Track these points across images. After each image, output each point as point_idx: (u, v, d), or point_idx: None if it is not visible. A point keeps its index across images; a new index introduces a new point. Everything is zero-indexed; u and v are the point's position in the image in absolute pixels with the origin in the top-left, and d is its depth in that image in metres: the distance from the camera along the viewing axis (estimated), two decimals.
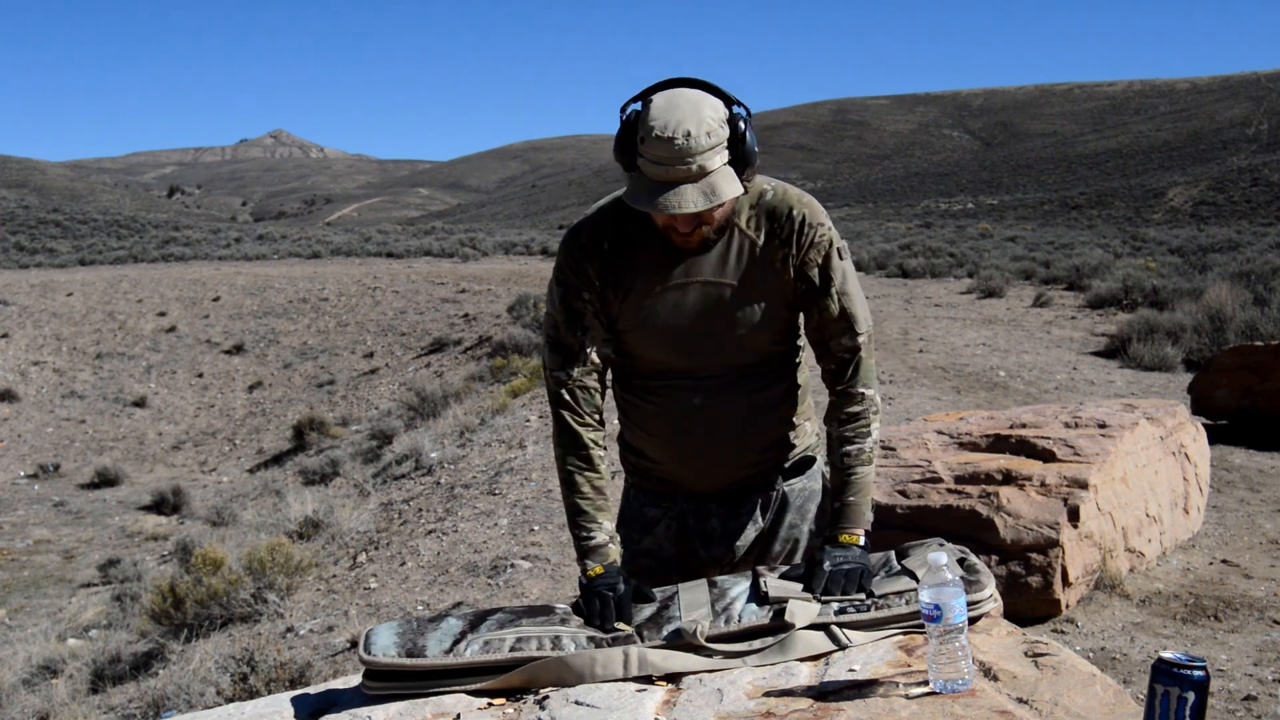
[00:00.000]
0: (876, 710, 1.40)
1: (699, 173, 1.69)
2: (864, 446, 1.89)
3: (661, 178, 1.70)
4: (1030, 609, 3.65)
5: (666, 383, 1.94)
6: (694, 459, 1.97)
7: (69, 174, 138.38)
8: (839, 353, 1.91)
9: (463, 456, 8.29)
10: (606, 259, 1.87)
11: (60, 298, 22.60)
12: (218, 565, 6.13)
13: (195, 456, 16.28)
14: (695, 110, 1.70)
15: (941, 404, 7.81)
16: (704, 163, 1.69)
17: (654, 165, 1.70)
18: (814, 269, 1.87)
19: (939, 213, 56.84)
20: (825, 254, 1.87)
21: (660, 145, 1.68)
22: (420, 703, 1.60)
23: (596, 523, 1.88)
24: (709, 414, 1.93)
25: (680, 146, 1.67)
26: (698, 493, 2.01)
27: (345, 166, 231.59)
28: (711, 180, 1.70)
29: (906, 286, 17.52)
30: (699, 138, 1.68)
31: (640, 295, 1.88)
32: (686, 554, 2.03)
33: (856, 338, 1.89)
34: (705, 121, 1.69)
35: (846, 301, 1.89)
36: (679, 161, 1.68)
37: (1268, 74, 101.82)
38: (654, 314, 1.88)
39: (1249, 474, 5.68)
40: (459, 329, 17.63)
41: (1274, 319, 10.28)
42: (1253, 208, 48.33)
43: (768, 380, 1.96)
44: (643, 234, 1.86)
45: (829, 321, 1.89)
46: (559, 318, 1.91)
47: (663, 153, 1.68)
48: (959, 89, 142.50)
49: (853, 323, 1.89)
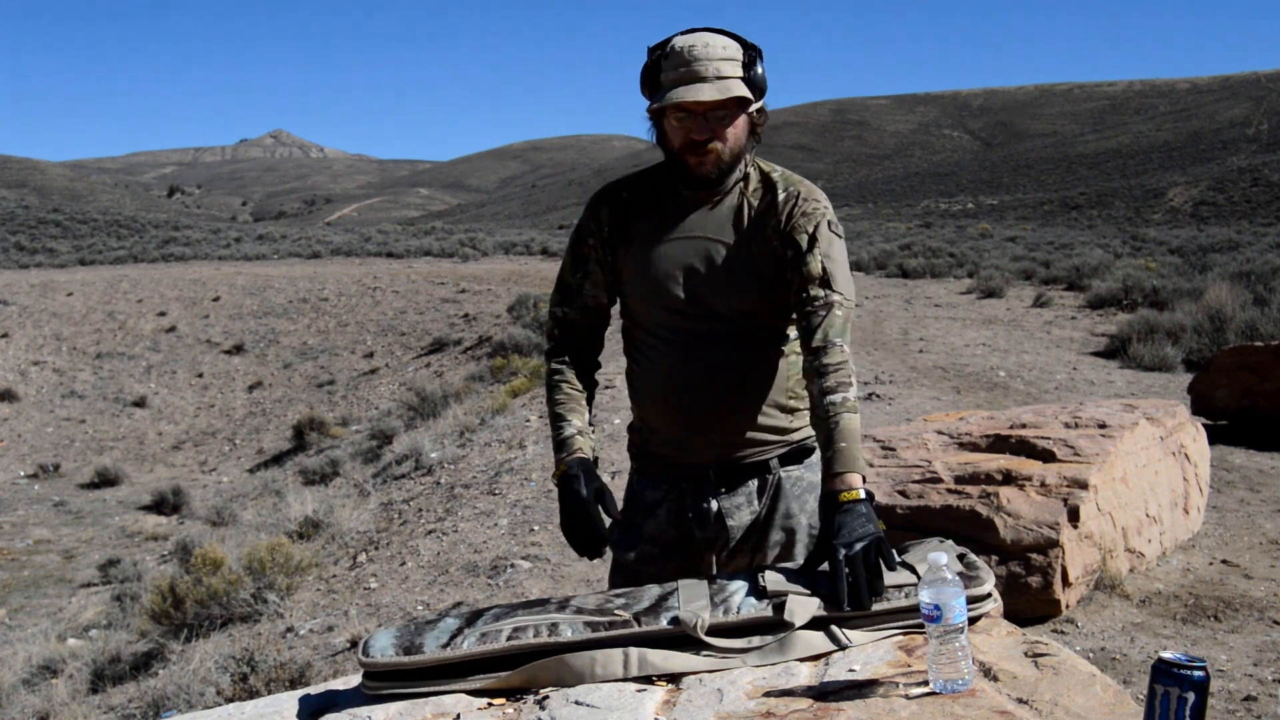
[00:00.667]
0: (876, 710, 1.40)
1: (714, 75, 1.86)
2: (848, 395, 1.84)
3: (679, 80, 1.87)
4: (1030, 609, 3.65)
5: (661, 339, 2.02)
6: (685, 417, 2.01)
7: (69, 174, 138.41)
8: (814, 306, 1.90)
9: (463, 456, 8.29)
10: (619, 207, 2.04)
11: (60, 298, 22.61)
12: (218, 565, 6.13)
13: (195, 456, 16.29)
14: (713, 36, 1.91)
15: (941, 404, 7.81)
16: (720, 68, 1.87)
17: (674, 71, 1.88)
18: (802, 234, 1.95)
19: (939, 213, 56.85)
20: (816, 223, 1.96)
21: (679, 54, 1.87)
22: (420, 703, 1.60)
23: (565, 420, 2.01)
24: (699, 370, 1.99)
25: (699, 52, 1.87)
26: (695, 467, 2.04)
27: (345, 166, 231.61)
28: (725, 82, 1.87)
29: (906, 286, 17.53)
30: (714, 48, 1.88)
31: (644, 244, 2.01)
32: (686, 538, 2.06)
33: (832, 295, 1.90)
34: (721, 40, 1.90)
35: (829, 264, 1.93)
36: (697, 64, 1.86)
37: (1268, 74, 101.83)
38: (653, 264, 2.00)
39: (1249, 474, 5.68)
40: (459, 329, 17.64)
41: (1274, 319, 10.28)
42: (1253, 208, 48.35)
43: (759, 347, 2.01)
44: (659, 194, 2.03)
45: (809, 279, 1.91)
46: (566, 259, 2.10)
47: (684, 59, 1.87)
48: (959, 89, 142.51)
49: (831, 281, 1.91)
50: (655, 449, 2.08)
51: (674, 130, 1.92)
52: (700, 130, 1.89)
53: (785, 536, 2.06)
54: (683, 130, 1.91)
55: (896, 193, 75.83)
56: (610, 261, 2.04)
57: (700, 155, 1.92)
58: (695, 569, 2.02)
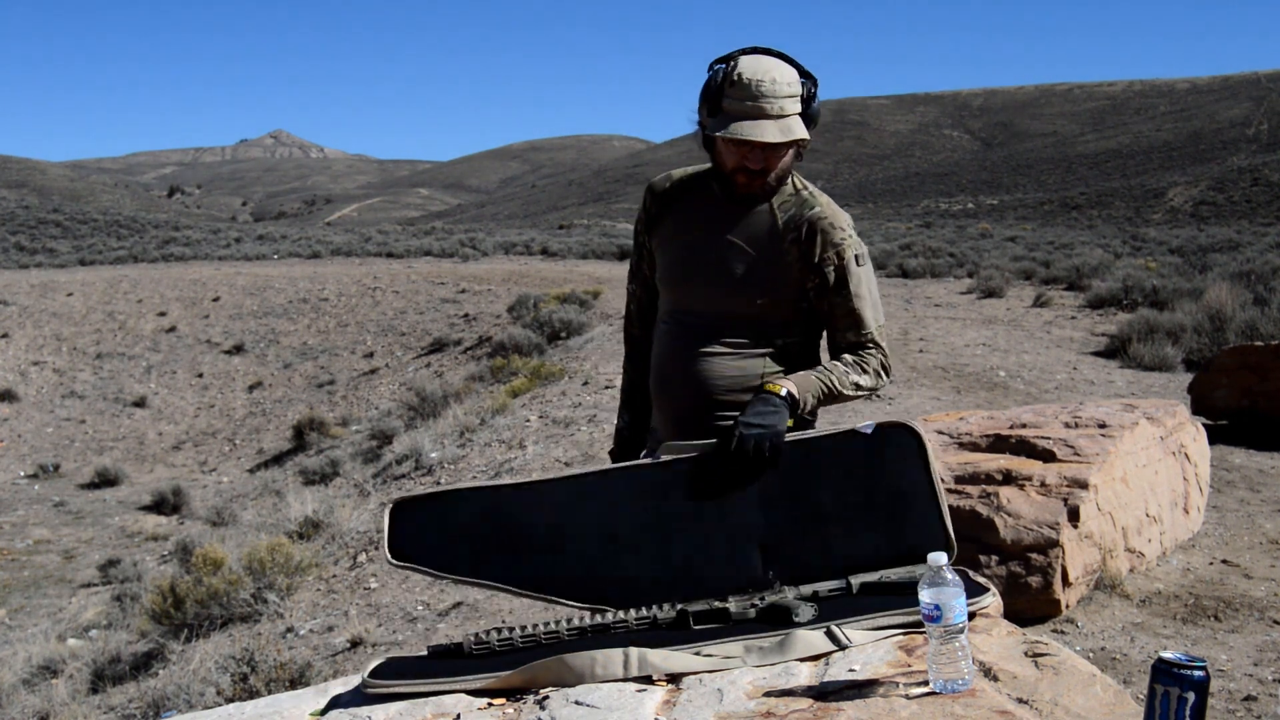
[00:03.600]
0: (876, 710, 1.40)
1: (778, 113, 1.96)
2: (852, 373, 2.07)
3: (744, 113, 1.95)
4: (1030, 609, 3.64)
5: (666, 324, 2.20)
6: (664, 399, 2.19)
7: (69, 174, 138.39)
8: (844, 346, 2.12)
9: (463, 456, 8.29)
10: (662, 196, 2.21)
11: (60, 298, 22.61)
12: (218, 565, 6.13)
13: (195, 456, 16.29)
14: (778, 66, 1.99)
15: (941, 404, 7.81)
16: (783, 106, 1.96)
17: (739, 103, 1.96)
18: (830, 267, 2.06)
19: (939, 213, 56.85)
20: (842, 258, 2.06)
21: (749, 86, 1.95)
22: (420, 703, 1.60)
23: (619, 415, 2.41)
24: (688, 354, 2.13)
25: (766, 88, 1.95)
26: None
27: (345, 166, 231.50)
28: (787, 122, 1.97)
29: (906, 286, 17.52)
30: (780, 84, 1.96)
31: (673, 235, 2.17)
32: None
33: (861, 334, 2.09)
34: (786, 74, 1.98)
35: (857, 303, 2.08)
36: (763, 100, 1.94)
37: (1268, 74, 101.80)
38: (676, 254, 2.16)
39: (1249, 474, 5.68)
40: (459, 329, 17.63)
41: (1274, 319, 10.28)
42: (1253, 208, 48.34)
43: (750, 345, 2.11)
44: (700, 192, 2.16)
45: (837, 317, 2.10)
46: (633, 242, 2.34)
47: (751, 92, 1.94)
48: (959, 89, 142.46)
49: (859, 322, 2.09)
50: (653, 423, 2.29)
51: (728, 153, 2.02)
52: (756, 161, 2.00)
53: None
54: (738, 156, 2.00)
55: (896, 193, 75.82)
56: (649, 245, 2.25)
57: (750, 179, 2.03)
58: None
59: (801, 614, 1.70)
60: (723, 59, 2.01)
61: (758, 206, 2.09)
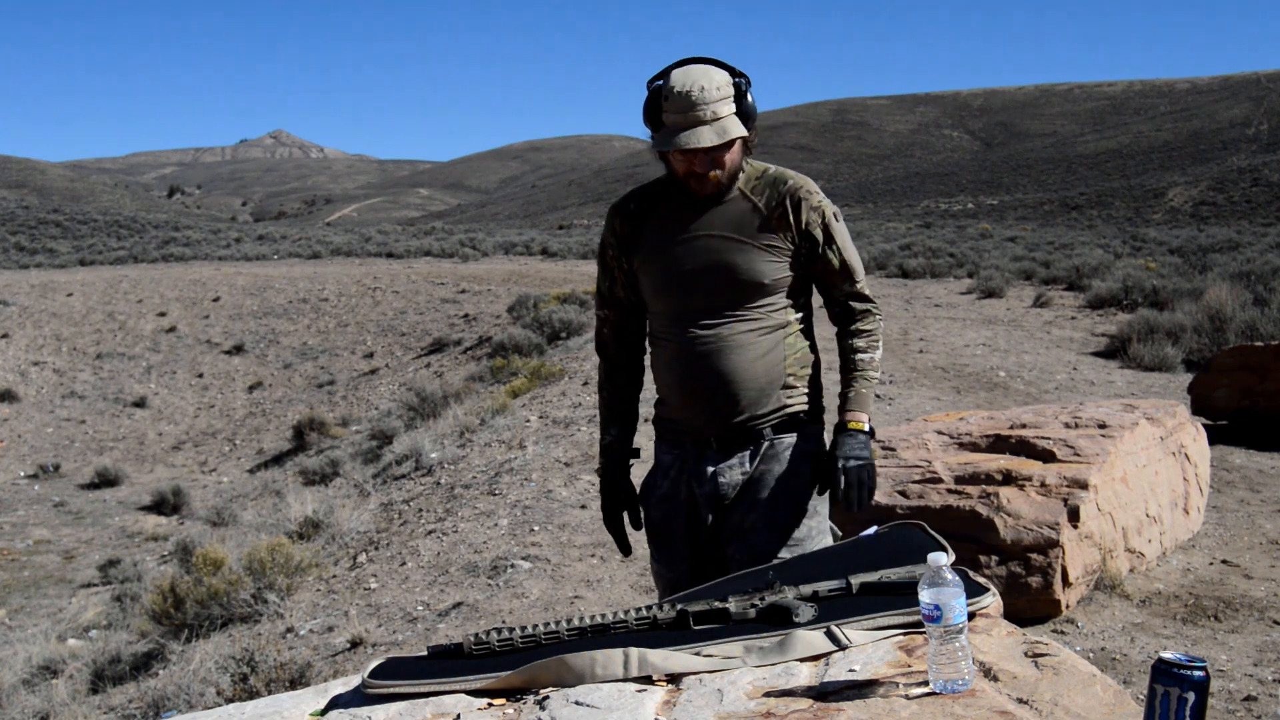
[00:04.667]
0: (876, 710, 1.40)
1: (711, 118, 2.06)
2: (874, 357, 2.30)
3: (681, 124, 2.07)
4: (1030, 609, 3.65)
5: (676, 326, 2.25)
6: (690, 392, 2.25)
7: (69, 174, 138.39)
8: (842, 298, 2.29)
9: (463, 457, 8.29)
10: (631, 217, 2.28)
11: (60, 298, 22.60)
12: (218, 565, 6.13)
13: (195, 456, 16.29)
14: (705, 73, 2.09)
15: (941, 404, 7.81)
16: (715, 110, 2.06)
17: (675, 115, 2.07)
18: (816, 229, 2.21)
19: (939, 213, 56.86)
20: (824, 217, 2.22)
21: (679, 98, 2.06)
22: (420, 703, 1.60)
23: (605, 429, 2.43)
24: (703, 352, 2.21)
25: (696, 95, 2.05)
26: (698, 433, 2.28)
27: (345, 166, 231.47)
28: (722, 124, 2.07)
29: (906, 287, 17.53)
30: (710, 90, 2.06)
31: (655, 248, 2.24)
32: (691, 497, 2.30)
33: (855, 284, 2.28)
34: (714, 79, 2.08)
35: (846, 254, 2.26)
36: (695, 108, 2.05)
37: (1268, 74, 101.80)
38: (667, 261, 2.23)
39: (1249, 474, 5.68)
40: (459, 329, 17.63)
41: (1274, 319, 10.28)
42: (1253, 208, 48.34)
43: (759, 331, 2.22)
44: (664, 201, 2.25)
45: (831, 272, 2.26)
46: (598, 268, 2.40)
47: (682, 103, 2.05)
48: (959, 89, 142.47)
49: (851, 272, 2.27)
50: (668, 416, 2.34)
51: (677, 162, 2.14)
52: (702, 164, 2.11)
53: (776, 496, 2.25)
54: (685, 163, 2.12)
55: (896, 193, 75.81)
56: (628, 267, 2.30)
57: (701, 182, 2.14)
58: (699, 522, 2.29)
59: (801, 614, 1.70)
60: (657, 76, 2.13)
61: (730, 200, 2.20)
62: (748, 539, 2.21)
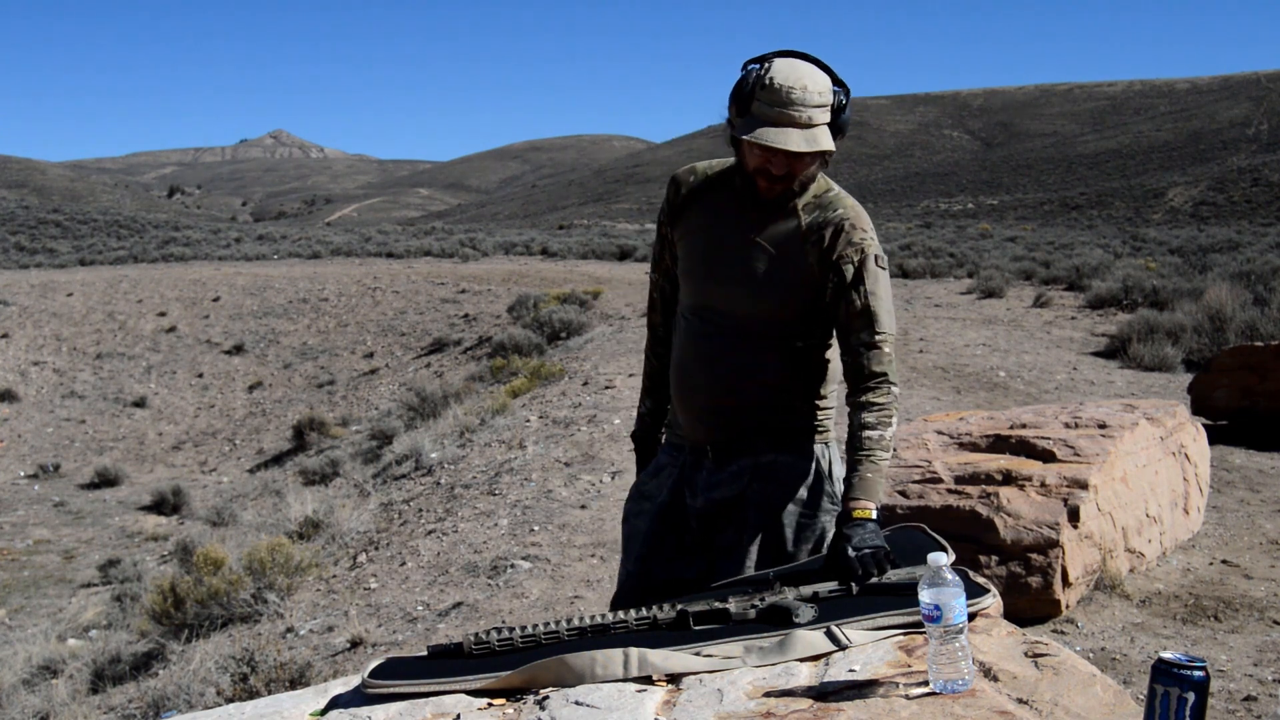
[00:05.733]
0: (876, 710, 1.40)
1: (806, 122, 1.93)
2: (885, 435, 2.02)
3: (774, 119, 1.93)
4: (1030, 609, 3.64)
5: (688, 322, 2.18)
6: (688, 399, 2.19)
7: (69, 174, 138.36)
8: (857, 346, 2.04)
9: (463, 457, 8.29)
10: (687, 189, 2.18)
11: (60, 298, 22.60)
12: (218, 565, 6.13)
13: (195, 456, 16.29)
14: (812, 73, 1.97)
15: (941, 404, 7.81)
16: (812, 115, 1.94)
17: (769, 108, 1.93)
18: (848, 265, 2.04)
19: (939, 213, 56.85)
20: (861, 256, 2.05)
21: (780, 92, 1.92)
22: (420, 703, 1.60)
23: (641, 399, 2.40)
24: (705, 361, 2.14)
25: (797, 95, 1.92)
26: (696, 442, 2.20)
27: (345, 166, 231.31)
28: (814, 132, 1.94)
29: (906, 287, 17.52)
30: (812, 93, 1.93)
31: (697, 230, 2.15)
32: (676, 503, 2.20)
33: (875, 335, 2.03)
34: (819, 83, 1.96)
35: (873, 301, 2.04)
36: (793, 107, 1.92)
37: (1268, 74, 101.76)
38: (700, 250, 2.14)
39: (1249, 474, 5.68)
40: (459, 329, 17.63)
41: (1274, 319, 10.28)
42: (1253, 208, 48.33)
43: (769, 348, 2.11)
44: (724, 187, 2.14)
45: (852, 315, 2.04)
46: (656, 233, 2.29)
47: (781, 98, 1.92)
48: (959, 89, 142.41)
49: (873, 321, 2.03)
50: (674, 418, 2.28)
51: (752, 155, 1.99)
52: (779, 166, 1.98)
53: (767, 519, 2.13)
54: (761, 159, 1.98)
55: (896, 193, 75.80)
56: (672, 236, 2.22)
57: (771, 183, 2.01)
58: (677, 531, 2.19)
59: (802, 614, 1.70)
60: (757, 59, 2.00)
61: (783, 207, 2.08)
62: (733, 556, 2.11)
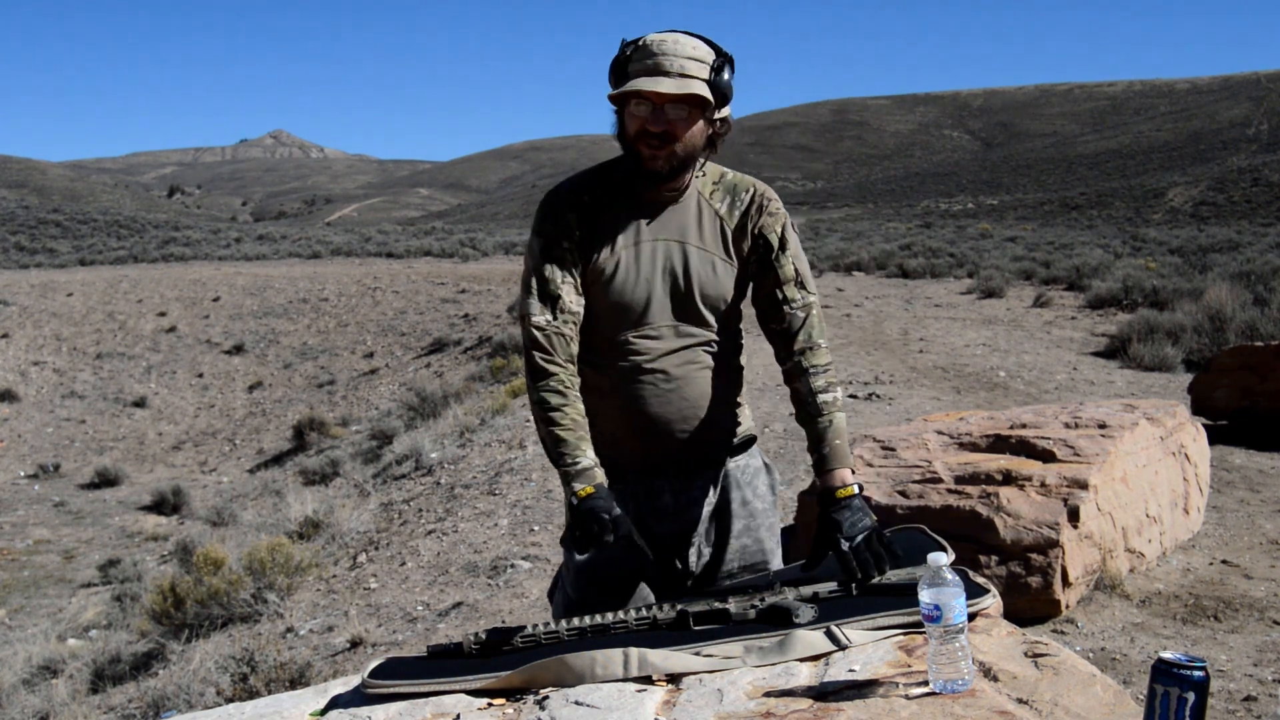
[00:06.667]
0: (876, 710, 1.40)
1: (678, 71, 1.87)
2: (838, 395, 2.00)
3: (643, 71, 1.88)
4: (1030, 609, 3.64)
5: (627, 346, 1.99)
6: (649, 425, 2.00)
7: (69, 174, 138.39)
8: (796, 310, 2.02)
9: (463, 457, 8.29)
10: (585, 210, 1.99)
11: (60, 298, 22.60)
12: (218, 565, 6.13)
13: (195, 456, 16.29)
14: (686, 37, 1.92)
15: (941, 404, 7.81)
16: (684, 66, 1.87)
17: (640, 63, 1.89)
18: (772, 233, 2.03)
19: (939, 213, 56.86)
20: (782, 224, 2.05)
21: (650, 47, 1.89)
22: (420, 703, 1.60)
23: (580, 450, 1.89)
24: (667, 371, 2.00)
25: (669, 48, 1.88)
26: (649, 468, 2.04)
27: (345, 166, 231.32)
28: (687, 80, 1.87)
29: (906, 286, 17.52)
30: (685, 47, 1.89)
31: (614, 249, 1.98)
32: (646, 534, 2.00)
33: (809, 297, 2.04)
34: (694, 42, 1.91)
35: (800, 265, 2.05)
36: (664, 58, 1.87)
37: (1268, 74, 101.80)
38: (624, 266, 1.98)
39: (1249, 474, 5.68)
40: (459, 329, 17.63)
41: (1274, 319, 10.28)
42: (1253, 208, 48.35)
43: (722, 352, 2.05)
44: (619, 194, 2.00)
45: (786, 280, 2.02)
46: (541, 269, 1.98)
47: (652, 52, 1.89)
48: (959, 89, 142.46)
49: (805, 283, 2.04)
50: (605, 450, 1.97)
51: (632, 119, 1.92)
52: (656, 122, 1.89)
53: (747, 523, 2.10)
54: (640, 120, 1.90)
55: (896, 193, 75.82)
56: (583, 267, 1.98)
57: (653, 148, 1.91)
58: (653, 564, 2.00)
59: (801, 615, 1.70)
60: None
61: (688, 202, 2.01)
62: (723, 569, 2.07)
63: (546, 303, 1.96)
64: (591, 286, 1.98)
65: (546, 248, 1.98)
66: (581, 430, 1.92)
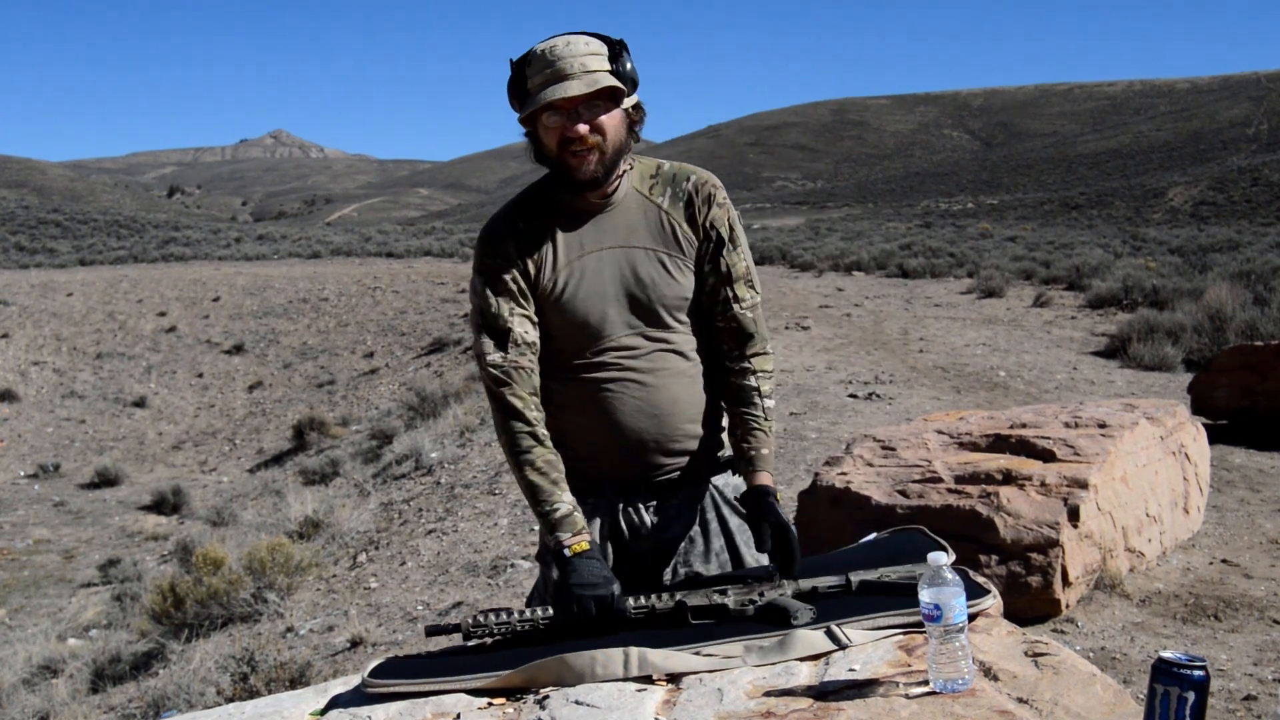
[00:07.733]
0: (876, 710, 1.40)
1: (580, 70, 1.81)
2: (774, 404, 2.02)
3: (547, 81, 1.81)
4: (1030, 609, 3.64)
5: (593, 359, 1.95)
6: (625, 436, 1.96)
7: (69, 174, 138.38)
8: (745, 310, 1.99)
9: (463, 456, 8.29)
10: (522, 237, 1.94)
11: (60, 298, 22.60)
12: (218, 565, 6.14)
13: (195, 456, 16.29)
14: (573, 36, 1.86)
15: (941, 404, 7.81)
16: (585, 63, 1.82)
17: (540, 75, 1.82)
18: (722, 226, 1.98)
19: (939, 213, 56.85)
20: (729, 214, 1.99)
21: (543, 56, 1.82)
22: (420, 702, 1.60)
23: (558, 494, 1.87)
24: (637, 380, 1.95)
25: (561, 50, 1.82)
26: (627, 481, 2.00)
27: (345, 166, 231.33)
28: (592, 76, 1.81)
29: (906, 286, 17.52)
30: (578, 45, 1.83)
31: (558, 266, 1.93)
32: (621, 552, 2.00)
33: (756, 295, 2.01)
34: (582, 38, 1.86)
35: (749, 261, 2.02)
36: (561, 61, 1.81)
37: (1268, 74, 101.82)
38: (573, 282, 1.93)
39: (1249, 474, 5.68)
40: (459, 329, 17.63)
41: (1274, 319, 10.28)
42: (1253, 208, 48.34)
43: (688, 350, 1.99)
44: (552, 212, 1.96)
45: (735, 278, 1.98)
46: (487, 305, 1.93)
47: (547, 60, 1.82)
48: (959, 89, 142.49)
49: (753, 281, 2.01)
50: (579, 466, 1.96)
51: (548, 133, 1.86)
52: (574, 129, 1.83)
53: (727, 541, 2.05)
54: (557, 130, 1.84)
55: (896, 193, 75.83)
56: (532, 293, 1.94)
57: (579, 155, 1.85)
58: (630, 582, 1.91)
59: (801, 616, 1.70)
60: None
61: (629, 204, 1.95)
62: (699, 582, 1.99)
63: (499, 339, 1.92)
64: (545, 309, 1.94)
65: (490, 283, 1.93)
66: (556, 473, 1.88)
